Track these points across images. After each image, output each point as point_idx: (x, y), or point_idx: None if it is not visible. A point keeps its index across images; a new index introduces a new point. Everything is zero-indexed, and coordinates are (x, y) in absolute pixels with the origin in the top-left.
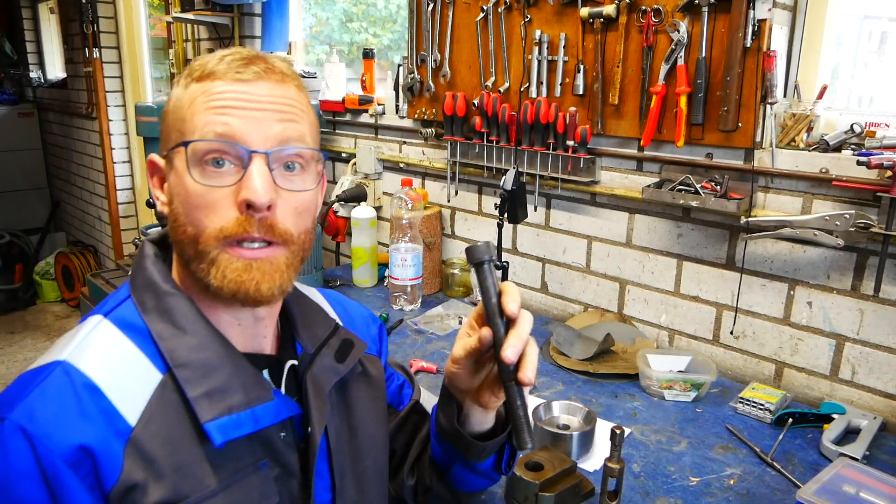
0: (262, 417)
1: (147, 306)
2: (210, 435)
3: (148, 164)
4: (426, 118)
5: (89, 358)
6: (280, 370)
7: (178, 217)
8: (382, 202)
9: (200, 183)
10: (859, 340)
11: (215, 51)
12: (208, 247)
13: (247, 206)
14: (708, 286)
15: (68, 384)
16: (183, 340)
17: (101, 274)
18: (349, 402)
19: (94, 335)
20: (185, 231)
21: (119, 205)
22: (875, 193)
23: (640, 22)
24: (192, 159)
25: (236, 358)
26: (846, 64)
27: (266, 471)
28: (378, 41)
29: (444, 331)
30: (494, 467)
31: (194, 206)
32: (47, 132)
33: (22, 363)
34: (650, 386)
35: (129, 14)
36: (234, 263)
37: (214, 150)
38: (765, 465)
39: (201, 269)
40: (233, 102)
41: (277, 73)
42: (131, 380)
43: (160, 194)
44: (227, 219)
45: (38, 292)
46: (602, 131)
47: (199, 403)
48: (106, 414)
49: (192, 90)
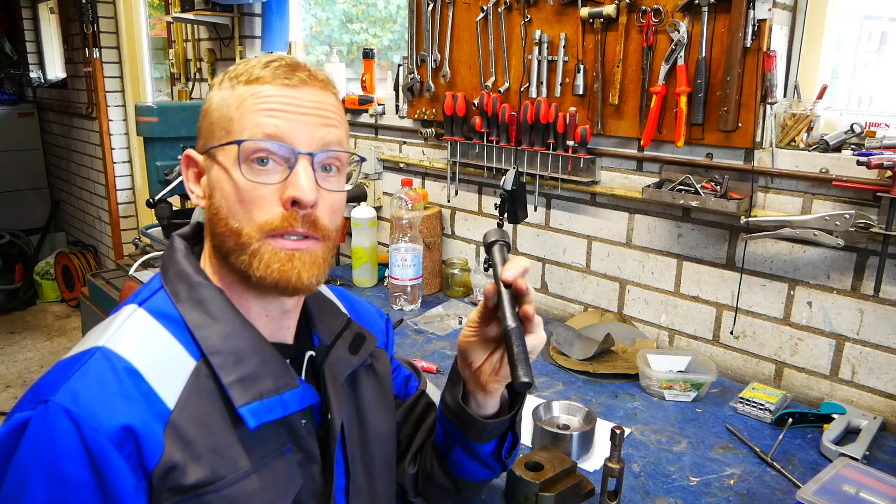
0: (289, 403)
1: (181, 296)
2: (244, 418)
3: (184, 158)
4: (426, 118)
5: (127, 344)
6: (300, 360)
7: (219, 210)
8: (382, 202)
9: (249, 179)
10: (859, 340)
11: (254, 57)
12: (251, 239)
13: (292, 202)
14: (708, 286)
15: (109, 368)
16: (216, 329)
17: (101, 274)
18: (358, 393)
19: (130, 323)
20: (228, 224)
21: (119, 205)
22: (875, 193)
23: (640, 22)
24: (241, 156)
25: (265, 346)
26: (846, 64)
27: (290, 455)
28: (378, 41)
29: (444, 331)
30: (494, 454)
31: (239, 200)
32: (47, 132)
33: (22, 363)
34: (650, 386)
35: (129, 14)
36: (278, 254)
37: (263, 150)
38: (765, 465)
39: (242, 261)
40: (281, 106)
41: (320, 80)
42: (168, 365)
43: (195, 188)
44: (272, 214)
45: (38, 292)
46: (602, 131)
47: (233, 389)
48: (146, 397)
49: (241, 92)
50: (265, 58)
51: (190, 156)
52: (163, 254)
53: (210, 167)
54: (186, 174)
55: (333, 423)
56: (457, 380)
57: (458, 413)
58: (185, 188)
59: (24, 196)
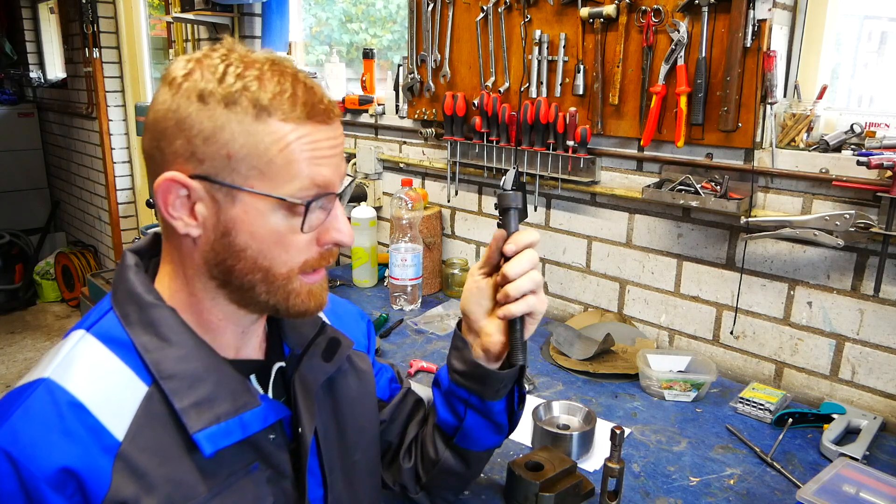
0: (249, 424)
1: (130, 319)
2: (200, 445)
3: (166, 183)
4: (426, 118)
5: (73, 374)
6: (268, 374)
7: (243, 249)
8: (382, 202)
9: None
10: (859, 340)
11: (250, 68)
12: (285, 278)
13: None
14: (708, 286)
15: (51, 403)
16: (168, 352)
17: (101, 274)
18: (337, 398)
19: (78, 350)
20: (256, 262)
21: (119, 205)
22: (875, 193)
23: (640, 22)
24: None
25: (222, 366)
26: (846, 64)
27: (258, 473)
28: (378, 41)
29: (444, 331)
30: (507, 410)
31: (276, 243)
32: (47, 132)
33: (22, 363)
34: (650, 386)
35: (129, 14)
36: (312, 290)
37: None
38: (765, 465)
39: (271, 294)
40: (327, 151)
41: (336, 108)
42: (117, 394)
43: (184, 216)
44: (311, 254)
45: (38, 292)
46: (602, 131)
47: (188, 414)
48: (92, 431)
49: (277, 130)
50: (275, 77)
51: (178, 181)
52: (114, 272)
53: (225, 202)
54: (169, 200)
55: (304, 437)
56: (462, 345)
57: (473, 372)
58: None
59: (24, 196)
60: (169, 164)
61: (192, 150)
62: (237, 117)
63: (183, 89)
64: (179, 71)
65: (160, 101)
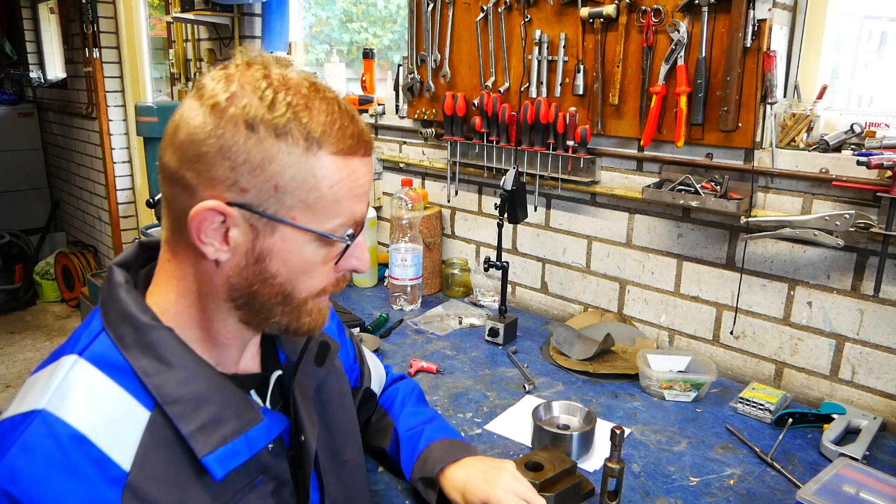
0: (255, 441)
1: (126, 341)
2: (210, 469)
3: (205, 213)
4: (426, 118)
5: (70, 404)
6: (265, 384)
7: (274, 277)
8: (382, 202)
9: (322, 255)
10: (859, 340)
11: (296, 94)
12: (303, 301)
13: (354, 272)
14: (708, 286)
15: (51, 437)
16: (170, 375)
17: (101, 274)
18: (324, 401)
19: (72, 377)
20: (281, 288)
21: (119, 205)
22: (875, 193)
23: (640, 22)
24: (316, 238)
25: (225, 384)
26: (846, 64)
27: (262, 487)
28: (378, 41)
29: (444, 331)
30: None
31: (301, 271)
32: (47, 132)
33: (22, 363)
34: (650, 386)
35: (129, 14)
36: (322, 310)
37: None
38: (765, 465)
39: (285, 314)
40: (366, 186)
41: (370, 135)
42: (119, 422)
43: (217, 243)
44: (329, 280)
45: (38, 292)
46: (602, 131)
47: (195, 438)
48: (97, 464)
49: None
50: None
51: (216, 210)
52: (101, 289)
53: (264, 231)
54: (203, 228)
55: (308, 445)
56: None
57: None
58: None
59: (24, 196)
60: (205, 189)
61: (236, 179)
62: (287, 148)
63: (229, 115)
64: (222, 94)
65: (198, 122)
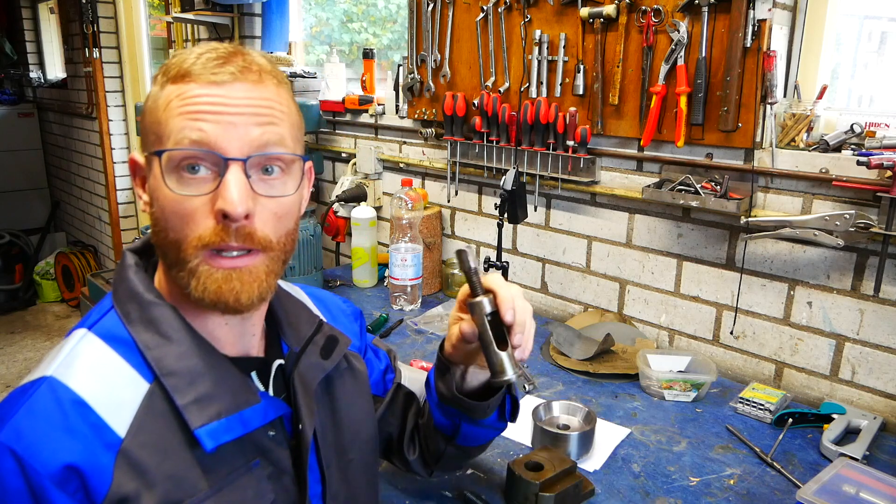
0: (250, 420)
1: (131, 317)
2: (201, 440)
3: (129, 163)
4: (426, 118)
5: (75, 372)
6: (268, 371)
7: (158, 221)
8: (382, 202)
9: (176, 192)
10: (859, 340)
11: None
12: (188, 255)
13: (223, 216)
14: (708, 286)
15: (54, 401)
16: (169, 349)
17: (101, 274)
18: (334, 397)
19: (80, 349)
20: (167, 235)
21: (119, 205)
22: (875, 193)
23: (640, 22)
24: (167, 168)
25: (222, 363)
26: (846, 64)
27: (258, 470)
28: (378, 41)
29: (444, 331)
30: (500, 417)
31: (173, 212)
32: (47, 132)
33: (22, 363)
34: (650, 386)
35: (129, 14)
36: (213, 275)
37: (190, 157)
38: (765, 465)
39: (181, 277)
40: (208, 108)
41: (255, 71)
42: (119, 391)
43: (143, 194)
44: (206, 227)
45: (38, 292)
46: (602, 131)
47: (189, 410)
48: (94, 428)
49: (168, 92)
50: (200, 48)
51: (134, 160)
52: (114, 270)
53: (149, 173)
54: (135, 180)
55: (305, 434)
56: (444, 369)
57: (457, 402)
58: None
59: (24, 196)
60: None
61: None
62: (153, 91)
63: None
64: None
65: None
